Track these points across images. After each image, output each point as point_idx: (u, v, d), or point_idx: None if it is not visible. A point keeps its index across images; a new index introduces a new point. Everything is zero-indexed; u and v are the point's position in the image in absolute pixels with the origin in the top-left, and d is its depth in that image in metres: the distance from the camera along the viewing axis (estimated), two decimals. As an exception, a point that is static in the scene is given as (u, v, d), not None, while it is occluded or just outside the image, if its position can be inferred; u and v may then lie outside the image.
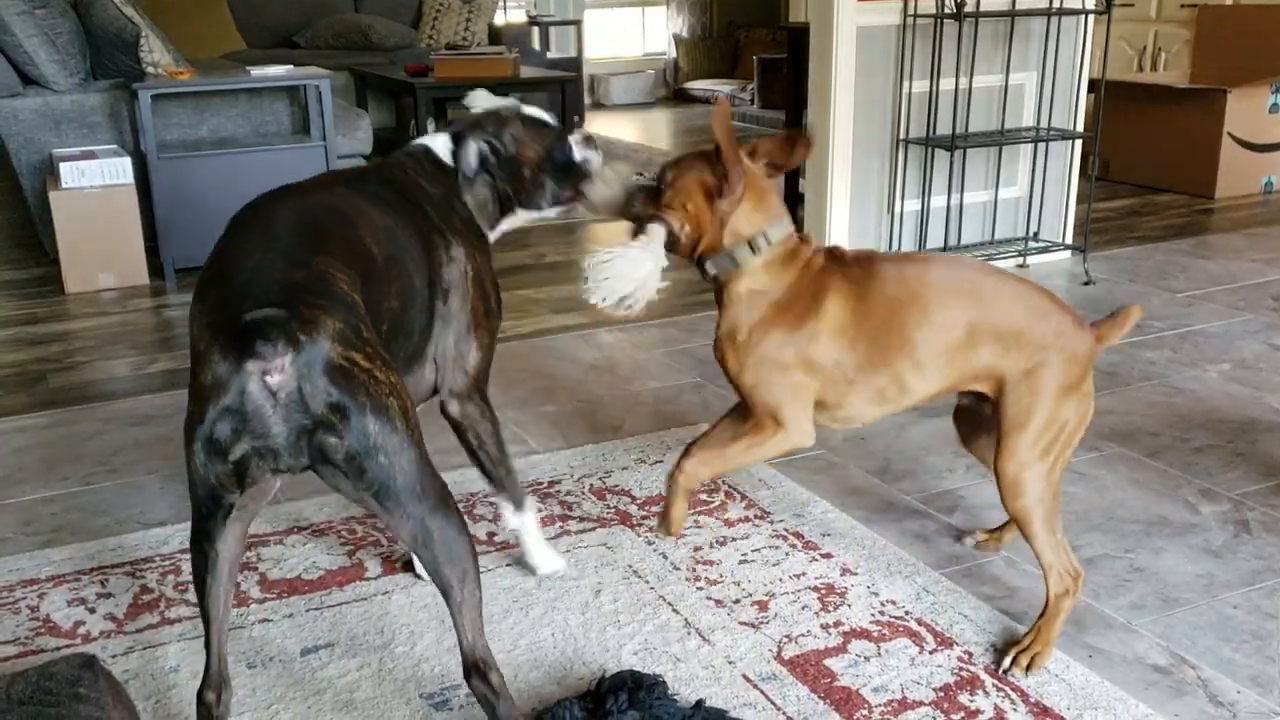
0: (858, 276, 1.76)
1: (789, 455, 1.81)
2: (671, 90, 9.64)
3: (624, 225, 1.88)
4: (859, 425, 1.87)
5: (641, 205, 1.83)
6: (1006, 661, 1.76)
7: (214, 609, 1.51)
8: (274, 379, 1.35)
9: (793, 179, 4.25)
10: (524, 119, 1.99)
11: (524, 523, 2.06)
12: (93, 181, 3.92)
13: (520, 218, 2.04)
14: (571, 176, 1.99)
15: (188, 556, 1.88)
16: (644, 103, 9.37)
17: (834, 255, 1.81)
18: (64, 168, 3.90)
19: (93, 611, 1.96)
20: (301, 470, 1.42)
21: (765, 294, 1.77)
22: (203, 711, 1.54)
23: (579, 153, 2.01)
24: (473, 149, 1.90)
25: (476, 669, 1.49)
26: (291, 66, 4.57)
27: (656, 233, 1.79)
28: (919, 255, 1.84)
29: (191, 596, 1.99)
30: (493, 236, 2.04)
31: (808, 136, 1.81)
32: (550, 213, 2.04)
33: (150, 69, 4.40)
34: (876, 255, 1.81)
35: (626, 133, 7.75)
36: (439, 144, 1.92)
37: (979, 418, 1.95)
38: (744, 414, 1.86)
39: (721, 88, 8.99)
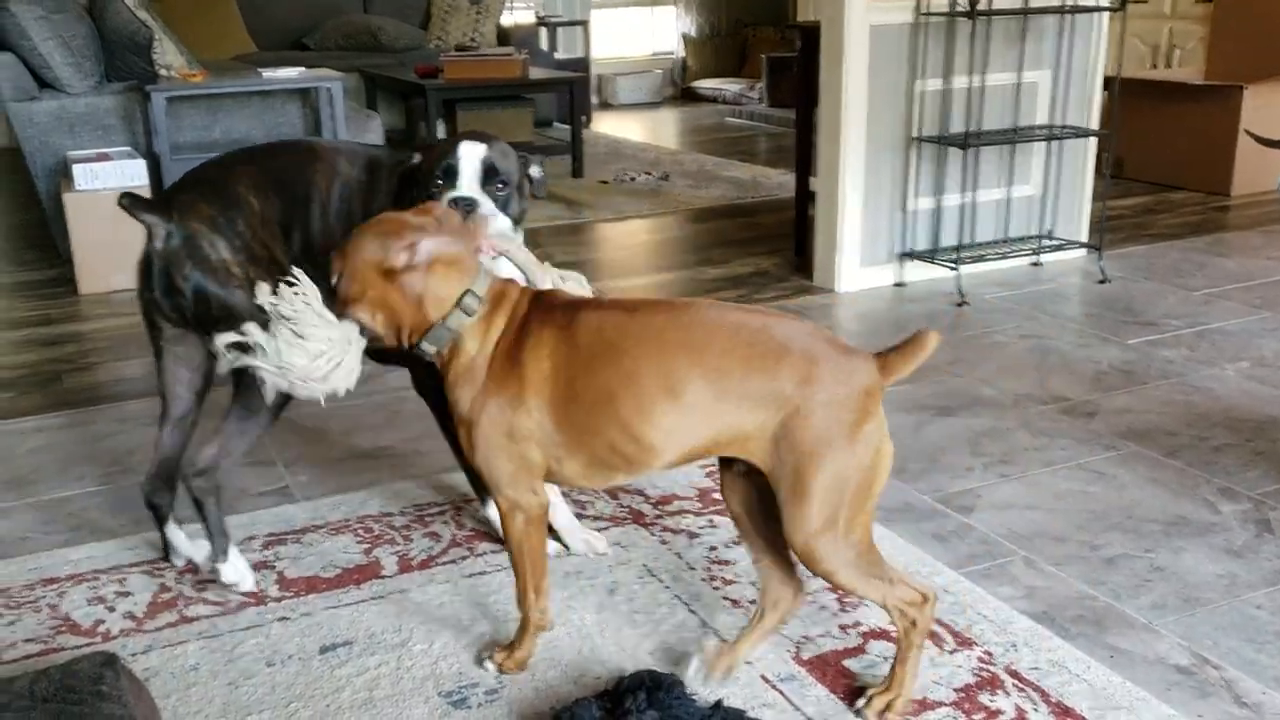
0: (561, 325, 1.55)
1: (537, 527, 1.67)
2: (679, 89, 9.63)
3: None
4: (595, 489, 1.75)
5: (334, 305, 1.60)
6: (861, 701, 1.64)
7: (164, 416, 1.99)
8: (156, 244, 1.77)
9: (803, 177, 4.24)
10: (461, 143, 1.88)
11: (492, 515, 2.13)
12: (107, 183, 3.93)
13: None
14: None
15: (206, 556, 2.03)
16: (651, 102, 9.36)
17: (540, 302, 1.60)
18: (78, 170, 3.91)
19: (112, 610, 1.97)
20: (185, 323, 1.83)
21: (481, 358, 1.57)
22: (152, 514, 2.07)
23: (451, 192, 1.83)
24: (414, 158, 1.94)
25: (202, 472, 1.90)
26: (303, 69, 4.58)
27: (350, 332, 1.59)
28: (628, 301, 1.57)
29: (210, 595, 2.00)
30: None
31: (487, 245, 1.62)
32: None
33: (163, 71, 4.42)
34: (583, 303, 1.60)
35: (634, 132, 7.75)
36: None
37: (745, 484, 1.67)
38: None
39: (730, 86, 8.99)
